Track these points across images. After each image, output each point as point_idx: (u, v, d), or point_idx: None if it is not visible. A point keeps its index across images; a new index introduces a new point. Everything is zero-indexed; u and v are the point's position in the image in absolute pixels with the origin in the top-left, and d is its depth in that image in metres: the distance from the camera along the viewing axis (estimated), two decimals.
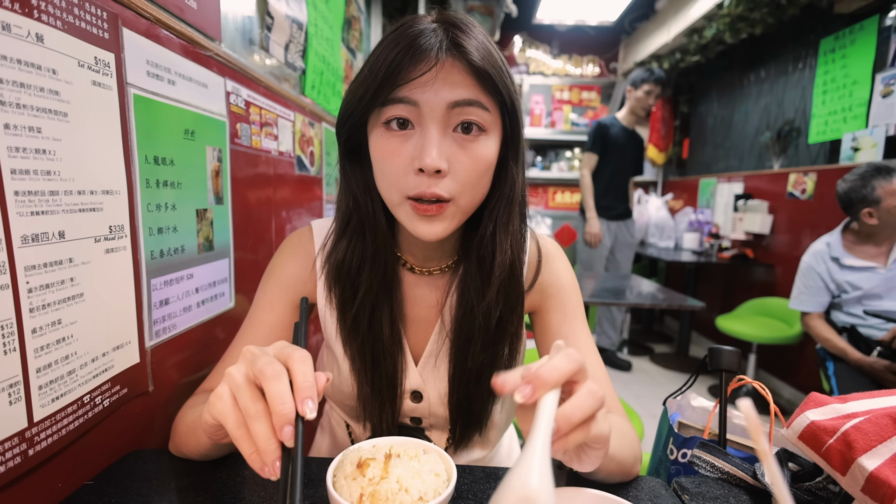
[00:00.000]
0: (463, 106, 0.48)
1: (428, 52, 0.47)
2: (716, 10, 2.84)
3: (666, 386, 2.87)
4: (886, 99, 2.21)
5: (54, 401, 0.47)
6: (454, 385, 0.62)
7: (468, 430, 0.65)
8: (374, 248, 0.58)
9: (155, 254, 0.63)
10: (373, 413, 0.63)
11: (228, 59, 0.82)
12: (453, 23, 0.49)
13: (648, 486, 0.54)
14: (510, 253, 0.57)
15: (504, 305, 0.59)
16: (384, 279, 0.59)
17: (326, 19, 1.38)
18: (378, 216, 0.57)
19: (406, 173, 0.50)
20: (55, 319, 0.46)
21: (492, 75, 0.48)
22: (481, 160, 0.50)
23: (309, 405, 0.35)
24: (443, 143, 0.49)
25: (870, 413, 0.47)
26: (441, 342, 0.63)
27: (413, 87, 0.48)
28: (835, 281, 1.92)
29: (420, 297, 0.64)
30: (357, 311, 0.59)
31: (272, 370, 0.36)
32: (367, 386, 0.62)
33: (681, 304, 1.84)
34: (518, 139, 0.55)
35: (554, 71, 4.40)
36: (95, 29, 0.51)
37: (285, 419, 0.34)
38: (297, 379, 0.36)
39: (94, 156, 0.51)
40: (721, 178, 3.52)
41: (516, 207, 0.57)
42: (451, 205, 0.51)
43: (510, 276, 0.58)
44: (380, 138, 0.51)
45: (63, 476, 0.49)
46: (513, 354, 0.62)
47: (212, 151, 0.77)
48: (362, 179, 0.57)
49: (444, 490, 0.41)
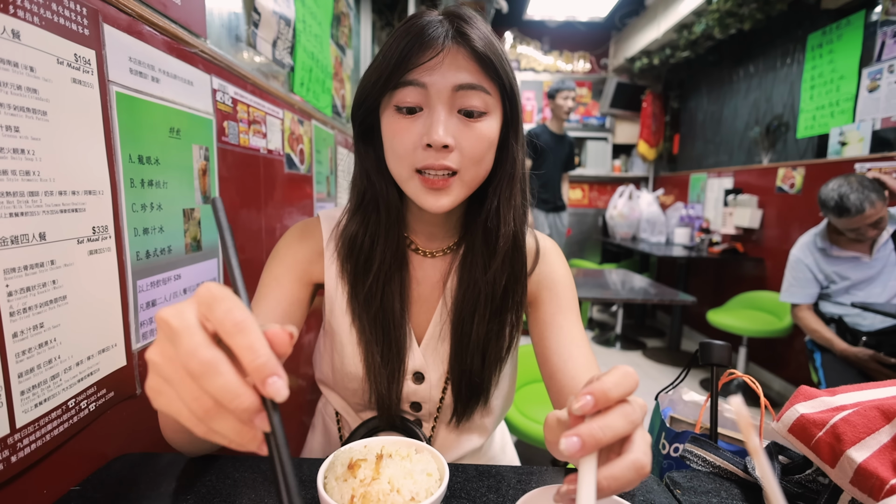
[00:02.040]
0: (467, 89, 0.53)
1: (435, 41, 0.52)
2: (705, 6, 2.85)
3: (658, 380, 2.89)
4: (873, 93, 2.23)
5: (37, 406, 0.46)
6: (455, 361, 0.64)
7: (470, 402, 0.66)
8: (387, 223, 0.61)
9: (141, 255, 0.62)
10: (380, 386, 0.63)
11: (214, 55, 0.81)
12: (458, 15, 0.54)
13: (641, 481, 0.54)
14: (513, 224, 0.61)
15: (510, 274, 0.62)
16: (396, 253, 0.63)
17: (315, 16, 1.36)
18: (391, 192, 0.61)
19: (415, 148, 0.54)
20: (37, 323, 0.45)
21: (493, 61, 0.53)
22: (484, 138, 0.55)
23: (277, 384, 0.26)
24: (449, 121, 0.53)
25: (858, 405, 0.47)
26: (442, 322, 0.65)
27: (422, 71, 0.52)
28: (823, 272, 1.95)
29: (424, 279, 0.66)
30: (371, 284, 0.62)
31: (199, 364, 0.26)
32: (377, 356, 0.63)
33: (672, 298, 1.85)
34: (518, 120, 0.59)
35: (545, 67, 4.40)
36: (75, 25, 0.50)
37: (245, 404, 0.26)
38: (246, 358, 0.26)
39: (75, 155, 0.50)
40: (711, 173, 3.54)
41: (518, 184, 0.61)
42: (456, 179, 0.55)
43: (513, 245, 0.62)
44: (391, 118, 0.55)
45: (48, 482, 0.48)
46: (516, 323, 0.66)
47: (198, 150, 0.76)
48: (375, 159, 0.61)
49: (436, 489, 0.41)
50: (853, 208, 1.71)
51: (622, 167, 4.53)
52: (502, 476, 0.54)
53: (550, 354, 0.62)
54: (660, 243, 3.79)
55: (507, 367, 0.69)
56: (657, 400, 0.75)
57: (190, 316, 0.27)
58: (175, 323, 0.27)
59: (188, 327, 0.26)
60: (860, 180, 1.73)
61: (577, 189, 4.47)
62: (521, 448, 1.94)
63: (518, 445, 1.89)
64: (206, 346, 0.26)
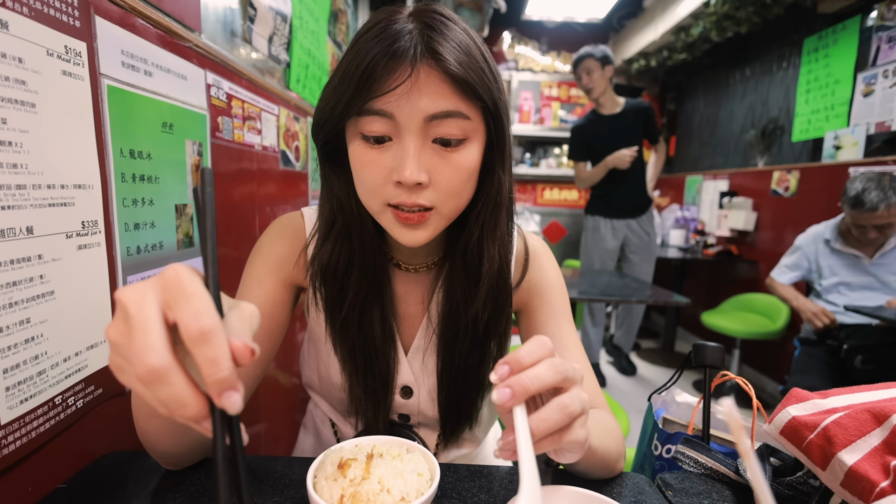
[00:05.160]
0: (441, 118, 0.45)
1: (403, 59, 0.44)
2: (702, 9, 2.86)
3: (652, 381, 2.90)
4: (867, 98, 2.25)
5: (23, 402, 0.45)
6: (442, 381, 0.62)
7: (458, 425, 0.65)
8: (362, 251, 0.56)
9: (131, 250, 0.61)
10: (367, 411, 0.62)
11: (209, 50, 0.80)
12: (428, 24, 0.45)
13: (632, 483, 0.54)
14: (497, 259, 0.56)
15: (492, 308, 0.58)
16: (373, 280, 0.58)
17: (312, 12, 1.36)
18: (364, 217, 0.55)
19: (385, 184, 0.48)
20: (23, 318, 0.45)
21: (471, 82, 0.45)
22: (463, 169, 0.48)
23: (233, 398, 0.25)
24: (422, 154, 0.46)
25: (849, 408, 0.47)
26: (428, 338, 0.62)
27: (388, 100, 0.44)
28: (817, 262, 2.00)
29: (408, 294, 0.63)
30: (346, 314, 0.58)
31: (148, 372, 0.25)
32: (359, 388, 0.61)
33: (666, 300, 1.86)
34: (504, 141, 0.52)
35: (543, 67, 4.40)
36: (65, 16, 0.49)
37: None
38: (206, 370, 0.25)
39: (64, 148, 0.49)
40: (707, 175, 3.55)
41: (503, 212, 0.55)
42: (433, 213, 0.50)
43: (498, 280, 0.57)
44: (358, 148, 0.48)
45: (33, 480, 0.48)
46: (501, 353, 0.63)
47: (191, 145, 0.75)
48: (345, 181, 0.55)
49: (426, 490, 0.41)
50: (868, 203, 1.72)
51: None
52: (494, 476, 0.54)
53: None
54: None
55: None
56: (650, 401, 0.75)
57: (148, 306, 0.26)
58: (132, 311, 0.25)
59: (143, 321, 0.25)
60: (891, 182, 1.73)
61: (573, 190, 4.47)
62: None
63: None
64: (157, 351, 0.25)
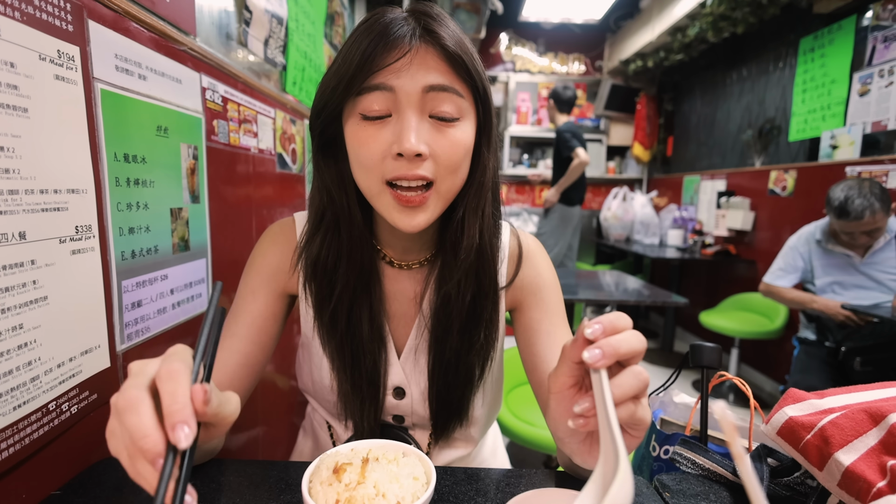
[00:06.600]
0: (438, 91, 0.48)
1: (401, 39, 0.47)
2: (699, 9, 2.86)
3: (651, 381, 2.89)
4: (863, 97, 2.25)
5: (16, 409, 0.45)
6: (433, 377, 0.62)
7: (448, 422, 0.64)
8: (349, 244, 0.57)
9: (126, 254, 0.61)
10: (354, 412, 0.62)
11: (204, 54, 0.80)
12: (425, 12, 0.50)
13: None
14: (478, 237, 0.57)
15: (476, 289, 0.59)
16: (361, 275, 0.58)
17: (308, 14, 1.36)
18: (353, 211, 0.56)
19: (384, 158, 0.49)
20: (16, 324, 0.44)
21: (465, 61, 0.49)
22: (460, 144, 0.51)
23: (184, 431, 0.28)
24: (421, 127, 0.49)
25: (846, 408, 0.47)
26: (421, 336, 0.62)
27: (388, 73, 0.48)
28: (811, 262, 2.01)
29: (400, 292, 0.63)
30: (334, 309, 0.58)
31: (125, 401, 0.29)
32: (346, 384, 0.61)
33: (665, 300, 1.86)
34: (490, 125, 0.55)
35: (540, 69, 4.41)
36: (58, 21, 0.49)
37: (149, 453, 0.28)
38: (165, 401, 0.29)
39: (58, 153, 0.49)
40: (704, 175, 3.56)
41: (488, 193, 0.57)
42: (432, 192, 0.51)
43: (479, 258, 0.58)
44: (356, 127, 0.50)
45: (27, 486, 0.47)
46: (489, 342, 0.62)
47: (186, 149, 0.75)
48: (337, 174, 0.56)
49: (422, 494, 0.41)
50: (853, 213, 1.71)
51: (616, 169, 4.54)
52: (491, 479, 0.54)
53: (539, 362, 0.60)
54: (653, 245, 3.80)
55: (490, 379, 0.67)
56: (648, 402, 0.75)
57: (149, 368, 0.31)
58: (133, 370, 0.31)
59: (135, 374, 0.31)
60: (871, 187, 1.72)
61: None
62: (513, 450, 1.94)
63: (510, 447, 1.89)
64: (137, 388, 0.29)
